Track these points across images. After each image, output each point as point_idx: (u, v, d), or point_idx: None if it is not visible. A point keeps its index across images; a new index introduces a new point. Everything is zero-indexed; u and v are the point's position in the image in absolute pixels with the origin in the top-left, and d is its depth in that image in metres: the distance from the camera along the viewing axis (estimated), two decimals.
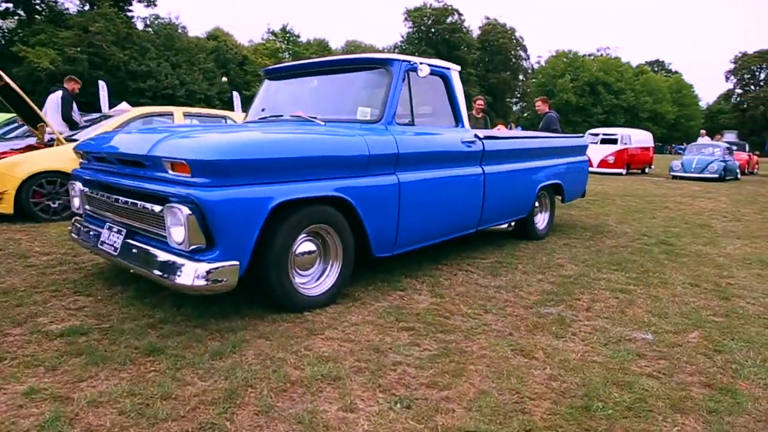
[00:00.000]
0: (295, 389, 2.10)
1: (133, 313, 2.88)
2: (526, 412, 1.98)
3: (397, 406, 1.99)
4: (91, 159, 3.38)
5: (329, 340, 2.60)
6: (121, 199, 2.91)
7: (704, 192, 11.27)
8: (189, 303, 3.02)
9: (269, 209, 2.64)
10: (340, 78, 3.88)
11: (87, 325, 2.67)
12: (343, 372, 2.26)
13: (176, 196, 2.48)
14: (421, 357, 2.46)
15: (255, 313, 2.92)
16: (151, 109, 6.58)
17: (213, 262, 2.51)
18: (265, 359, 2.36)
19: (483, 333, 2.80)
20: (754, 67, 56.09)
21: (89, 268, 3.81)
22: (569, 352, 2.57)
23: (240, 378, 2.16)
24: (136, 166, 2.83)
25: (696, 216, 7.52)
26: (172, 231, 2.54)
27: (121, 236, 2.94)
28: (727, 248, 5.23)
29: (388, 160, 3.36)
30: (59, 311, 2.89)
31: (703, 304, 3.41)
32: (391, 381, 2.20)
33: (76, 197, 3.51)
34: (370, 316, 2.98)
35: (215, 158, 2.46)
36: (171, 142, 2.67)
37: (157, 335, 2.59)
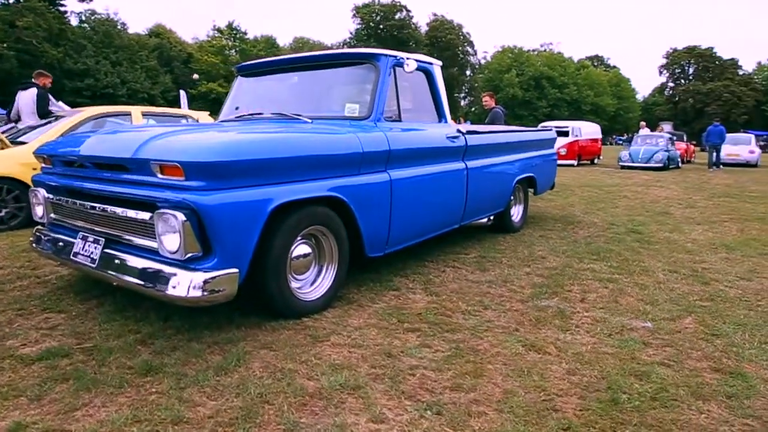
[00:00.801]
0: (316, 402, 1.98)
1: (117, 329, 2.65)
2: (558, 410, 1.95)
3: (427, 413, 1.91)
4: (57, 163, 3.08)
5: (337, 347, 2.49)
6: (100, 207, 2.66)
7: (654, 181, 11.82)
8: (176, 314, 2.81)
9: (269, 212, 2.49)
10: (324, 74, 3.74)
11: (66, 346, 2.43)
12: (361, 380, 2.15)
13: (169, 201, 2.29)
14: (435, 359, 2.38)
15: (251, 321, 2.75)
16: (105, 109, 6.15)
17: (210, 271, 2.33)
18: (275, 371, 2.21)
19: (488, 330, 2.76)
20: (684, 62, 59.70)
21: (54, 281, 3.49)
22: (579, 345, 2.58)
23: (253, 394, 2.01)
24: (118, 170, 2.59)
25: (654, 204, 7.86)
26: (164, 239, 2.34)
27: (99, 246, 2.69)
28: (691, 234, 5.47)
29: (380, 158, 3.26)
30: (30, 332, 2.61)
31: (687, 290, 3.53)
32: (413, 386, 2.12)
33: (40, 205, 3.20)
34: (372, 319, 2.87)
35: (212, 160, 2.28)
36: (160, 144, 2.46)
37: (149, 352, 2.38)
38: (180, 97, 16.46)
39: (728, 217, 6.61)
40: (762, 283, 3.70)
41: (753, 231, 5.66)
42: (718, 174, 14.30)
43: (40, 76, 6.79)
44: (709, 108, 52.81)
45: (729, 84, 53.48)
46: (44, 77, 6.79)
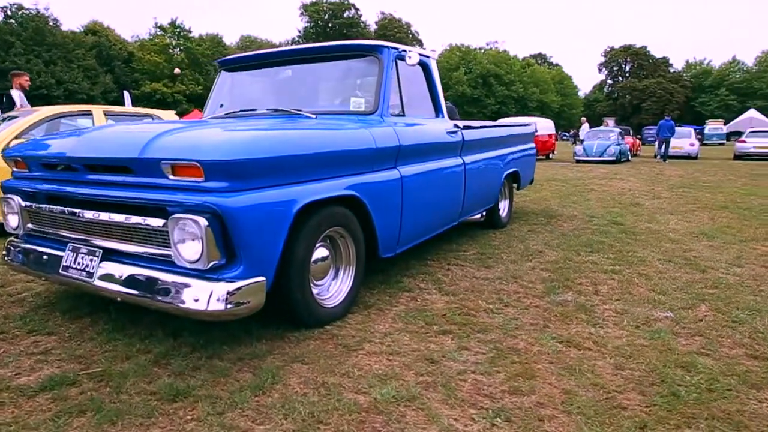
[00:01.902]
0: (374, 418, 1.83)
1: (122, 349, 2.38)
2: (624, 408, 1.90)
3: (497, 420, 1.80)
4: (35, 167, 2.74)
5: (374, 355, 2.33)
6: (96, 215, 2.38)
7: (612, 174, 12.28)
8: (186, 330, 2.56)
9: (294, 213, 2.30)
10: (322, 67, 3.55)
11: (71, 373, 2.14)
12: (413, 390, 2.02)
13: (187, 205, 2.06)
14: (479, 362, 2.28)
15: (271, 333, 2.55)
16: (64, 109, 5.64)
17: (235, 281, 2.12)
18: (317, 387, 2.04)
19: (518, 328, 2.69)
20: (621, 60, 62.77)
21: (30, 299, 3.12)
22: (613, 339, 2.55)
23: (303, 414, 1.84)
24: (118, 172, 2.32)
25: (621, 196, 8.12)
26: (181, 248, 2.11)
27: (95, 258, 2.41)
28: (669, 224, 5.66)
29: (391, 154, 3.12)
30: (20, 358, 2.30)
31: (689, 278, 3.60)
32: (469, 393, 2.01)
33: (14, 214, 2.85)
34: (397, 323, 2.74)
35: (236, 158, 2.07)
36: (171, 141, 2.22)
37: (168, 374, 2.14)
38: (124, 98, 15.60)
39: (695, 207, 6.91)
40: (753, 269, 3.84)
41: (723, 219, 5.92)
42: (667, 166, 15.05)
43: (14, 76, 6.39)
44: (645, 104, 55.84)
45: (662, 81, 56.70)
46: (23, 78, 6.38)
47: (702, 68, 60.27)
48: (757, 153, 17.85)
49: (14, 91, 6.29)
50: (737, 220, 5.82)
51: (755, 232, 5.14)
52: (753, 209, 6.64)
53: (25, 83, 6.43)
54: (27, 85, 6.48)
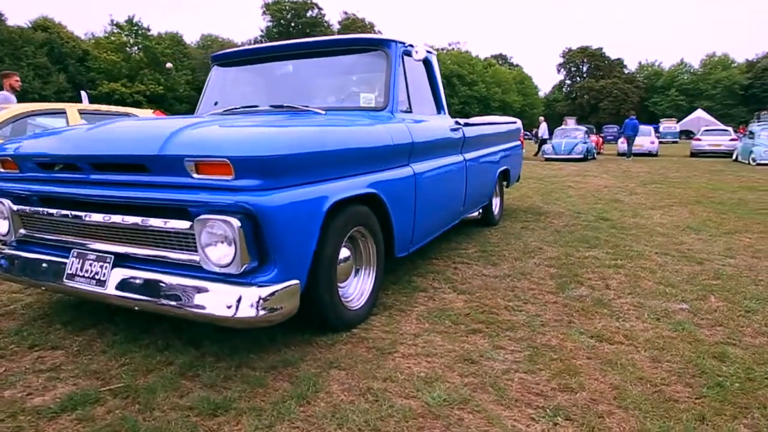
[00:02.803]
0: (432, 423, 1.76)
1: (141, 362, 2.22)
2: (676, 400, 1.90)
3: (558, 419, 1.77)
4: (28, 167, 2.53)
5: (410, 358, 2.26)
6: (106, 218, 2.21)
7: (583, 171, 12.60)
8: (204, 338, 2.42)
9: (325, 212, 2.20)
10: (326, 62, 3.44)
11: (90, 390, 1.98)
12: (463, 392, 1.96)
13: (216, 205, 1.93)
14: (518, 360, 2.25)
15: (297, 339, 2.44)
16: (34, 107, 5.29)
17: (268, 285, 2.00)
18: (363, 393, 1.95)
19: (544, 325, 2.67)
20: (578, 61, 64.76)
21: (22, 311, 2.89)
22: (641, 332, 2.57)
23: (359, 422, 1.75)
24: (132, 170, 2.16)
25: (599, 192, 8.32)
26: (210, 251, 1.98)
27: (107, 265, 2.24)
28: (653, 219, 5.82)
29: (405, 151, 3.06)
30: (27, 377, 2.11)
31: (690, 271, 3.69)
32: (520, 392, 1.96)
33: (3, 219, 2.63)
34: (423, 324, 2.68)
35: (270, 154, 1.95)
36: (194, 137, 2.08)
37: (200, 386, 2.01)
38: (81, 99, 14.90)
39: (671, 202, 7.14)
40: (745, 260, 3.98)
41: (701, 213, 6.14)
42: (632, 163, 15.57)
43: (3, 77, 6.01)
44: (602, 103, 57.81)
45: (617, 81, 58.85)
46: (12, 78, 6.00)
47: (654, 69, 62.95)
48: (711, 150, 18.72)
49: (4, 92, 5.90)
50: (715, 214, 6.04)
51: (735, 225, 5.35)
52: (725, 203, 6.92)
53: (15, 84, 6.02)
54: (18, 86, 6.06)
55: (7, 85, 5.95)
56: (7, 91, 5.95)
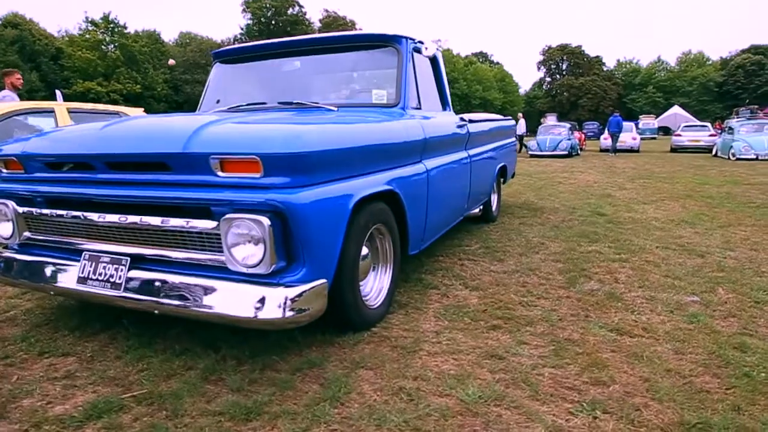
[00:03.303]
0: (472, 421, 1.74)
1: (159, 366, 2.15)
2: (708, 391, 1.91)
3: (597, 413, 1.76)
4: (34, 166, 2.44)
5: (437, 356, 2.24)
6: (122, 219, 2.14)
7: (569, 167, 12.74)
8: (221, 341, 2.36)
9: (351, 209, 2.17)
10: (335, 58, 3.39)
11: (112, 397, 1.91)
12: (496, 388, 1.94)
13: (247, 203, 1.88)
14: (545, 355, 2.24)
15: (317, 339, 2.40)
16: (19, 106, 5.12)
17: (296, 285, 1.96)
18: (396, 393, 1.92)
19: (562, 320, 2.68)
20: (558, 58, 65.44)
21: (23, 317, 2.78)
22: (658, 324, 2.59)
23: (398, 422, 1.72)
24: (151, 169, 2.09)
25: (590, 188, 8.42)
26: (236, 251, 1.92)
27: (122, 267, 2.16)
28: (647, 213, 5.91)
29: (418, 147, 3.03)
30: (43, 385, 2.03)
31: (693, 263, 3.75)
32: (552, 387, 1.96)
33: (7, 222, 2.53)
34: (442, 321, 2.66)
35: (301, 151, 1.90)
36: (220, 133, 2.02)
37: (227, 391, 1.95)
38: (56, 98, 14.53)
39: (662, 196, 7.26)
40: (744, 252, 4.05)
41: (693, 207, 6.25)
42: (616, 159, 15.82)
43: (4, 75, 5.89)
44: (582, 100, 58.59)
45: (596, 79, 59.68)
46: (14, 76, 5.86)
47: (631, 67, 63.99)
48: (691, 146, 19.12)
49: (5, 91, 5.75)
50: (707, 208, 6.16)
51: (728, 218, 5.46)
52: (714, 197, 7.06)
53: (17, 82, 5.86)
54: (19, 84, 5.90)
55: (8, 83, 5.81)
56: (8, 89, 5.81)
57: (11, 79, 5.85)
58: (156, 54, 44.03)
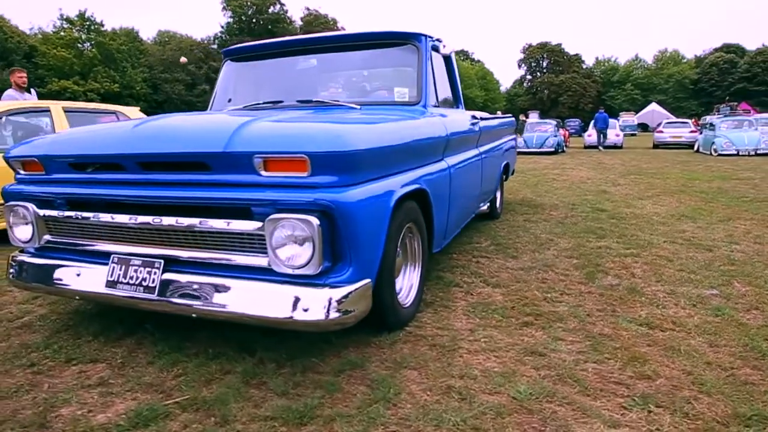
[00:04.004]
0: (529, 418, 1.73)
1: (196, 371, 2.09)
2: (753, 383, 1.94)
3: (650, 407, 1.78)
4: (55, 167, 2.35)
5: (477, 354, 2.23)
6: (156, 220, 2.07)
7: (559, 164, 12.88)
8: (254, 343, 2.31)
9: (392, 207, 2.14)
10: (353, 56, 3.35)
11: (154, 404, 1.85)
12: (544, 385, 1.94)
13: (294, 203, 1.84)
14: (583, 350, 2.25)
15: (351, 339, 2.36)
16: (15, 105, 4.95)
17: (342, 286, 1.92)
18: (446, 392, 1.91)
19: (590, 315, 2.69)
20: (538, 56, 66.16)
21: (40, 323, 2.69)
22: (686, 318, 2.62)
23: (455, 421, 1.70)
24: (189, 169, 2.03)
25: (584, 184, 8.52)
26: (281, 252, 1.88)
27: (156, 270, 2.10)
28: (645, 208, 6.00)
29: (441, 144, 3.02)
30: (79, 393, 1.96)
31: (703, 257, 3.81)
32: (601, 382, 1.96)
33: (26, 225, 2.44)
34: (473, 319, 2.65)
35: (350, 149, 1.87)
36: (263, 132, 1.98)
37: (272, 394, 1.91)
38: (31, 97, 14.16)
39: (656, 192, 7.38)
40: (750, 246, 4.14)
41: (689, 202, 6.37)
42: (603, 155, 16.04)
43: (10, 73, 5.89)
44: (562, 98, 59.36)
45: (576, 77, 60.53)
46: (12, 74, 5.83)
47: (610, 65, 65.10)
48: (673, 142, 19.52)
49: (10, 91, 5.72)
50: (702, 203, 6.28)
51: (726, 213, 5.57)
52: (707, 192, 7.21)
53: (19, 80, 5.75)
54: (21, 82, 5.78)
55: (13, 81, 5.71)
56: (14, 89, 5.71)
57: (14, 78, 5.77)
58: (134, 52, 43.17)
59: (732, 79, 54.39)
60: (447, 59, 3.82)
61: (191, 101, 41.75)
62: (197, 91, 43.36)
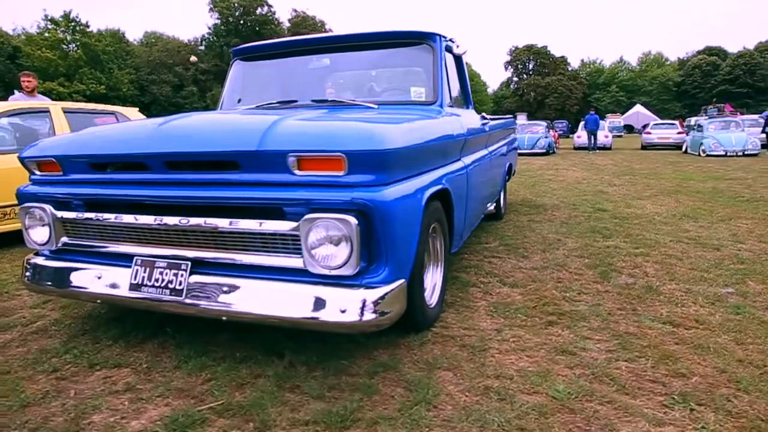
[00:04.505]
0: (572, 417, 1.72)
1: (225, 376, 2.05)
2: None
3: (691, 404, 1.78)
4: (74, 168, 2.30)
5: (508, 354, 2.22)
6: (183, 221, 2.03)
7: (552, 165, 12.98)
8: (279, 346, 2.28)
9: (423, 206, 2.13)
10: (367, 56, 3.32)
11: (188, 410, 1.81)
12: (581, 384, 1.94)
13: (332, 202, 1.81)
14: (613, 349, 2.25)
15: (379, 340, 2.34)
16: (11, 105, 4.84)
17: (378, 286, 1.90)
18: (485, 393, 1.89)
19: (611, 314, 2.70)
20: (524, 58, 66.73)
21: (54, 327, 2.62)
22: (707, 316, 2.64)
23: (500, 422, 1.69)
24: (217, 168, 1.99)
25: (580, 185, 8.59)
26: (317, 252, 1.85)
27: (183, 273, 2.05)
28: (647, 208, 6.06)
29: (460, 144, 3.01)
30: (107, 399, 1.90)
31: (712, 256, 3.85)
32: (637, 381, 1.96)
33: (43, 226, 2.37)
34: (497, 319, 2.64)
35: (388, 148, 1.85)
36: (298, 130, 1.94)
37: (309, 398, 1.88)
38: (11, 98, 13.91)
39: (653, 192, 7.46)
40: (755, 245, 4.19)
41: (688, 203, 6.44)
42: (594, 156, 16.21)
43: (21, 76, 5.75)
44: (548, 99, 59.87)
45: (562, 78, 61.09)
46: (23, 77, 5.72)
47: (595, 67, 65.85)
48: (661, 143, 19.81)
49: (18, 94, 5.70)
50: (701, 203, 6.36)
51: (726, 212, 5.64)
52: (703, 192, 7.31)
53: (24, 83, 5.66)
54: (26, 86, 5.69)
55: (22, 84, 5.64)
56: (24, 92, 5.65)
57: (22, 80, 5.69)
58: (120, 54, 42.66)
59: (714, 81, 55.36)
60: (458, 59, 3.82)
61: (179, 103, 41.36)
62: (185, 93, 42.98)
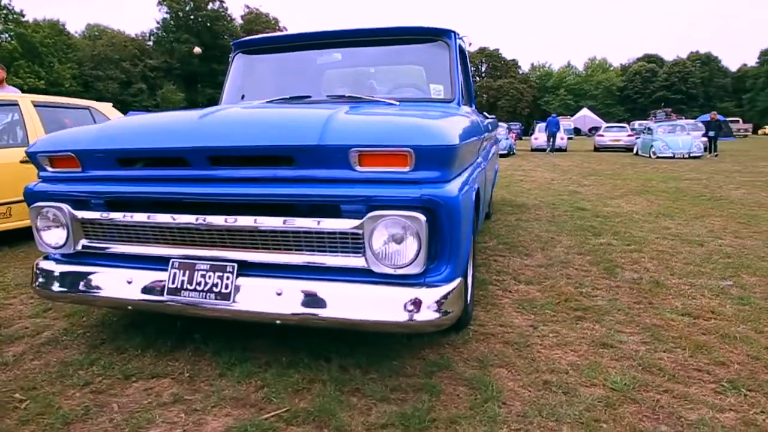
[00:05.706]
0: (638, 408, 1.77)
1: (277, 382, 1.98)
2: None
3: (743, 391, 1.87)
4: (96, 163, 2.14)
5: (552, 349, 2.26)
6: (230, 221, 1.93)
7: (517, 166, 13.35)
8: (320, 348, 2.22)
9: (474, 202, 2.13)
10: (382, 51, 3.28)
11: (252, 419, 1.73)
12: (633, 375, 2.00)
13: (399, 199, 1.78)
14: (647, 341, 2.34)
15: (420, 340, 2.32)
16: None
17: (441, 285, 1.88)
18: (547, 387, 1.92)
19: (630, 308, 2.80)
20: (477, 61, 68.34)
21: (66, 338, 2.44)
22: (719, 307, 2.79)
23: (573, 414, 1.71)
24: (269, 164, 1.91)
25: (551, 185, 8.87)
26: (381, 251, 1.81)
27: (229, 275, 1.96)
28: (622, 207, 6.33)
29: (481, 141, 3.04)
30: (159, 412, 1.79)
31: (700, 251, 4.07)
32: (684, 370, 2.05)
33: (58, 228, 2.20)
34: (527, 315, 2.69)
35: (452, 143, 1.83)
36: (359, 124, 1.90)
37: (374, 401, 1.84)
38: None
39: (623, 192, 7.81)
40: (734, 240, 4.46)
41: (658, 202, 6.77)
42: (554, 158, 16.80)
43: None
44: (500, 102, 61.51)
45: (513, 81, 63.01)
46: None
47: (544, 70, 68.30)
48: (613, 145, 20.79)
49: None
50: (670, 202, 6.71)
51: (696, 211, 5.98)
52: (668, 192, 7.72)
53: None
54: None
55: None
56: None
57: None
58: (61, 47, 40.30)
59: (653, 87, 58.75)
60: (463, 56, 3.85)
61: (126, 100, 39.51)
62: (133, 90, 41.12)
